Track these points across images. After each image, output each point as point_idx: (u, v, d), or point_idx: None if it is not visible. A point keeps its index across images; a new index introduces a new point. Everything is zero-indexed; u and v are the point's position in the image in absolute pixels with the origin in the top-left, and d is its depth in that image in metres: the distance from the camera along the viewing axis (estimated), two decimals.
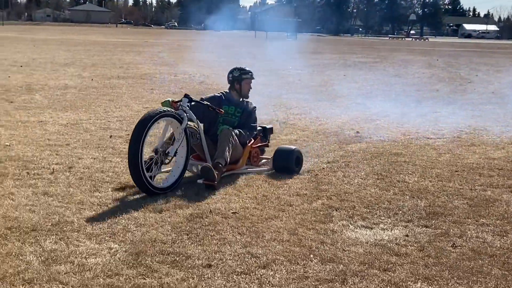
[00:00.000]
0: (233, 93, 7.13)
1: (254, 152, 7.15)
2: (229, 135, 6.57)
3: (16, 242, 4.59)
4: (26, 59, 23.69)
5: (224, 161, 6.42)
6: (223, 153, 6.45)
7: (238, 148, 6.76)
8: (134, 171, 5.75)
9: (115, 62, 24.26)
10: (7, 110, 10.93)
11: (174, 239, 4.80)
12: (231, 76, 7.11)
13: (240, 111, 7.04)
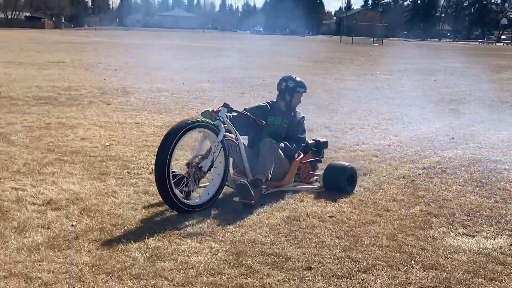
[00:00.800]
0: (281, 103, 6.52)
1: (304, 168, 6.55)
2: (271, 148, 5.98)
3: (122, 238, 4.75)
4: (120, 63, 24.52)
5: (265, 178, 5.85)
6: (263, 169, 5.88)
7: (283, 162, 6.19)
8: (160, 186, 5.27)
9: (204, 66, 24.70)
10: (105, 112, 11.35)
11: (273, 241, 4.84)
12: (284, 85, 6.48)
13: (287, 122, 6.44)
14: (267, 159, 5.90)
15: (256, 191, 5.66)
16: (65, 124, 9.79)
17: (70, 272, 4.09)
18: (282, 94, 6.50)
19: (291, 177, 6.32)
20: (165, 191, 5.23)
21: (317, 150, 6.82)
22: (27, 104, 11.89)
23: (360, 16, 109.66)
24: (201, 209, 5.47)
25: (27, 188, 6.01)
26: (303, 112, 6.88)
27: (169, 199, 5.27)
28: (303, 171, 6.51)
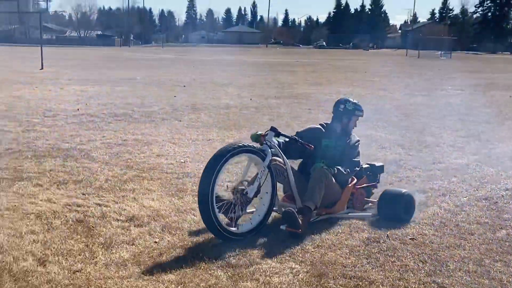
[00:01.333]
0: (337, 126, 6.25)
1: (358, 194, 6.24)
2: (321, 174, 5.71)
3: (203, 256, 4.80)
4: (188, 79, 24.96)
5: (314, 205, 5.60)
6: (312, 195, 5.62)
7: (335, 188, 5.90)
8: (203, 212, 5.09)
9: (270, 82, 24.84)
10: (178, 129, 11.55)
11: (354, 263, 4.80)
12: (342, 108, 6.20)
13: (342, 145, 6.16)
14: (316, 186, 5.64)
15: (303, 219, 5.42)
16: (141, 141, 10.02)
17: None
18: (339, 117, 6.24)
19: (343, 203, 6.03)
20: (207, 217, 5.05)
21: (372, 175, 6.48)
22: (104, 121, 12.24)
23: (426, 29, 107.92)
24: (243, 238, 5.24)
25: (110, 204, 6.18)
26: (374, 129, 6.82)
27: (211, 226, 5.08)
28: (356, 197, 6.21)
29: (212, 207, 5.02)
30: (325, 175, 5.70)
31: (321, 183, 5.64)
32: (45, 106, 14.58)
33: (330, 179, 5.77)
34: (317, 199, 5.61)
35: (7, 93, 17.52)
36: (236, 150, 5.20)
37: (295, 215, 5.30)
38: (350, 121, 6.23)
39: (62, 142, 9.74)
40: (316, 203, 5.61)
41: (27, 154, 8.69)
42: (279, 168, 5.67)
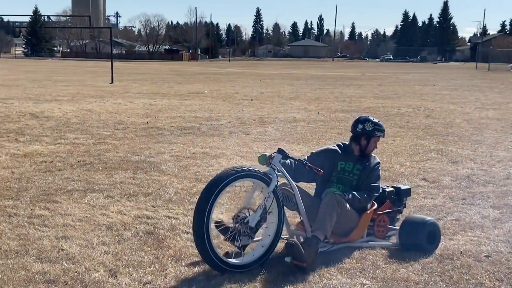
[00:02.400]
0: (355, 147, 5.67)
1: (379, 220, 5.71)
2: (333, 200, 5.15)
3: (272, 270, 4.76)
4: (255, 93, 25.11)
5: (323, 235, 5.07)
6: (322, 224, 5.08)
7: (350, 215, 5.35)
8: (197, 240, 4.65)
9: (337, 95, 24.69)
10: (246, 142, 11.60)
11: (426, 280, 4.66)
12: (360, 128, 5.61)
13: (360, 168, 5.60)
14: (326, 214, 5.09)
15: (309, 251, 4.82)
16: (209, 154, 10.10)
17: None
18: (357, 138, 5.64)
19: (361, 231, 5.49)
20: (202, 247, 4.61)
21: (397, 199, 5.97)
22: (173, 134, 12.43)
23: (497, 42, 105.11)
24: (243, 270, 4.73)
25: (180, 217, 6.24)
26: (444, 144, 6.61)
27: (206, 256, 4.63)
28: (378, 224, 5.69)
29: (208, 236, 4.55)
30: (338, 202, 5.16)
31: (332, 211, 5.10)
32: (115, 119, 14.94)
33: (344, 205, 5.22)
34: (327, 228, 5.08)
35: (79, 106, 18.07)
36: (233, 176, 4.71)
37: (298, 247, 4.75)
38: (370, 143, 5.62)
39: (132, 154, 9.93)
40: (326, 232, 5.08)
41: (98, 166, 8.89)
42: (288, 193, 5.19)
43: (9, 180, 7.83)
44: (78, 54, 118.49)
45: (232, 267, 4.71)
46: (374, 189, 5.56)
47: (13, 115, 15.16)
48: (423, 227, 5.37)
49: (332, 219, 5.09)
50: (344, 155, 5.68)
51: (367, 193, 5.49)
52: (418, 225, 5.41)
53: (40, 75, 38.83)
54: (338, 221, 5.17)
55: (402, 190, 6.01)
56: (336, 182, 5.59)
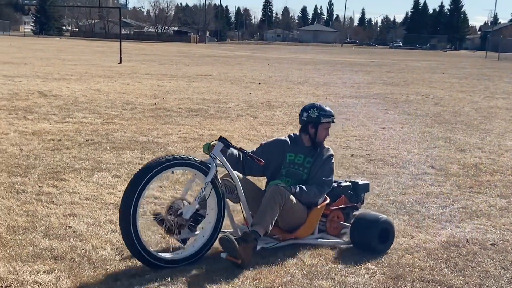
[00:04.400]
0: (304, 137, 5.24)
1: (332, 216, 5.34)
2: (275, 192, 4.74)
3: (278, 253, 4.79)
4: (263, 77, 25.05)
5: (263, 230, 4.65)
6: (262, 219, 4.67)
7: (297, 210, 4.93)
8: (123, 234, 4.29)
9: (345, 81, 24.61)
10: (253, 125, 11.60)
11: (432, 266, 4.67)
12: (305, 116, 5.18)
13: (311, 161, 5.18)
14: (268, 207, 4.69)
15: (245, 247, 4.46)
16: (216, 136, 10.08)
17: (233, 283, 4.18)
18: (305, 127, 5.22)
19: (309, 227, 5.09)
20: (129, 241, 4.26)
21: (355, 195, 5.61)
22: (181, 116, 12.44)
23: (508, 31, 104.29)
24: (178, 265, 4.43)
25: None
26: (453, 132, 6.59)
27: (134, 251, 4.29)
28: (330, 220, 5.32)
29: (135, 229, 4.23)
30: (281, 195, 4.74)
31: (274, 204, 4.70)
32: (124, 99, 14.95)
33: (289, 199, 4.80)
34: (267, 223, 4.67)
35: (88, 86, 18.08)
36: (168, 163, 4.35)
37: (231, 243, 4.40)
38: (318, 131, 5.16)
39: (140, 135, 9.95)
40: (266, 227, 4.67)
41: (106, 145, 8.92)
42: (230, 185, 4.83)
43: (18, 157, 7.86)
44: (86, 34, 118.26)
45: (165, 262, 4.38)
46: (326, 184, 5.12)
47: (22, 93, 15.18)
48: (375, 225, 4.95)
49: (273, 213, 4.70)
50: (294, 147, 5.25)
51: (317, 187, 5.06)
52: (370, 222, 5.00)
53: (48, 54, 38.84)
54: (284, 216, 4.84)
55: (359, 185, 5.63)
56: (285, 175, 5.18)
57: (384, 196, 6.73)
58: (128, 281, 4.17)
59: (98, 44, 67.78)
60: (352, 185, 5.63)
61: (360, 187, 5.65)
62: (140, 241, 4.25)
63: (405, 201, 6.56)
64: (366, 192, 5.78)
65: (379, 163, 8.53)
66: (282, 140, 5.34)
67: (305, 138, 5.23)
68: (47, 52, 41.26)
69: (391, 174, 7.88)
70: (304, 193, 4.97)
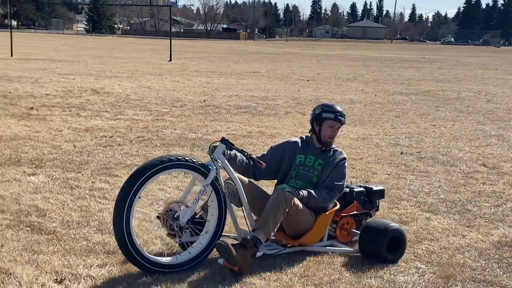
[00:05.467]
0: (313, 136, 5.03)
1: (342, 223, 5.09)
2: (280, 197, 4.49)
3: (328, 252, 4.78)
4: (312, 74, 24.99)
5: (265, 236, 4.41)
6: (264, 224, 4.43)
7: (303, 216, 4.68)
8: (116, 235, 4.18)
9: (395, 78, 24.32)
10: (301, 122, 11.60)
11: (483, 266, 4.60)
12: (312, 114, 5.03)
13: (322, 164, 4.91)
14: (271, 213, 4.45)
15: (243, 253, 4.25)
16: (265, 133, 10.16)
17: (281, 280, 4.20)
18: (312, 125, 5.03)
19: (316, 234, 4.83)
20: (122, 244, 4.14)
21: (368, 201, 5.33)
22: (229, 113, 12.54)
23: None
24: (176, 270, 4.29)
25: None
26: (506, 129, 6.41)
27: (128, 254, 4.17)
28: (341, 226, 5.07)
29: (128, 232, 4.10)
30: (285, 200, 4.49)
31: (277, 210, 4.45)
32: (173, 96, 15.14)
33: (294, 204, 4.56)
34: (269, 229, 4.43)
35: (138, 83, 18.38)
36: (163, 165, 4.24)
37: (227, 249, 4.18)
38: (321, 128, 4.90)
39: (189, 131, 10.07)
40: (268, 233, 4.43)
41: (156, 142, 9.06)
42: (233, 188, 4.62)
43: (71, 153, 8.06)
44: (137, 32, 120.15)
45: (162, 267, 4.25)
46: (337, 188, 4.86)
47: (75, 91, 15.54)
48: (384, 234, 4.67)
49: (276, 219, 4.45)
50: (304, 148, 5.00)
51: (327, 192, 4.79)
52: (378, 231, 4.72)
53: (100, 52, 39.61)
54: (290, 222, 4.63)
55: (373, 191, 5.34)
56: (294, 178, 4.92)
57: (435, 195, 6.64)
58: (177, 276, 4.24)
59: (148, 42, 68.73)
60: (366, 190, 5.33)
61: (374, 193, 5.34)
62: (133, 243, 4.13)
63: (456, 200, 6.46)
64: (381, 198, 5.48)
65: (429, 161, 8.42)
66: (293, 142, 5.09)
67: (314, 138, 5.01)
68: (99, 50, 42.08)
69: (442, 172, 7.76)
70: (313, 198, 4.71)
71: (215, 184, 4.45)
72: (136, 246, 4.16)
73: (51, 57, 30.72)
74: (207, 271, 4.37)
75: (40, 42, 53.52)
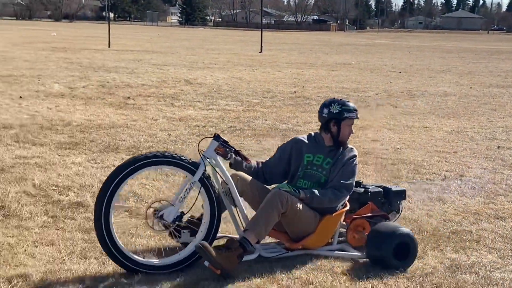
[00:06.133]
0: (325, 136, 4.66)
1: (356, 226, 4.71)
2: (274, 198, 4.22)
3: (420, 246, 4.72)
4: (403, 65, 24.53)
5: (255, 237, 4.16)
6: (254, 225, 4.19)
7: (304, 217, 4.38)
8: (96, 233, 4.05)
9: (492, 70, 23.48)
10: (393, 115, 11.43)
11: None
12: (326, 113, 4.60)
13: (331, 162, 4.59)
14: (263, 213, 4.20)
15: (228, 255, 4.03)
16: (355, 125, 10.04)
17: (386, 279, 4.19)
18: (326, 125, 4.63)
19: (320, 237, 4.49)
20: (100, 237, 4.02)
21: (387, 202, 4.98)
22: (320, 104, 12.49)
23: None
24: (159, 272, 4.08)
25: None
26: None
27: (105, 248, 4.03)
28: (351, 229, 4.70)
29: (107, 227, 3.98)
30: (280, 200, 4.21)
31: (270, 210, 4.20)
32: (264, 87, 15.28)
33: (293, 205, 4.27)
34: (260, 230, 4.19)
35: (230, 74, 18.65)
36: (147, 161, 4.07)
37: (205, 251, 3.97)
38: (340, 128, 4.59)
39: (280, 122, 10.15)
40: (259, 235, 4.19)
41: (247, 132, 9.19)
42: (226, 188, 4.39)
43: (166, 141, 8.32)
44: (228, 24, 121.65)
45: (141, 266, 4.07)
46: (345, 187, 4.51)
47: (169, 81, 15.97)
48: (390, 238, 4.28)
49: (269, 220, 4.21)
50: (313, 147, 4.69)
51: (333, 191, 4.46)
52: (384, 235, 4.34)
53: (193, 43, 40.42)
54: (289, 223, 4.38)
55: (392, 192, 4.98)
56: (302, 178, 4.64)
57: None
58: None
59: (239, 34, 69.48)
60: (384, 191, 4.98)
61: (393, 194, 4.98)
62: (113, 240, 4.01)
63: None
64: (401, 200, 5.06)
65: None
66: (300, 140, 4.77)
67: (326, 137, 4.65)
68: (192, 42, 42.96)
69: None
70: (316, 198, 4.39)
71: (205, 183, 4.22)
72: (117, 244, 4.02)
73: (146, 48, 31.65)
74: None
75: (135, 33, 55.23)
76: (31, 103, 11.17)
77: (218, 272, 3.97)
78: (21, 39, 33.75)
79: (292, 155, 4.70)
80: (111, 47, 29.97)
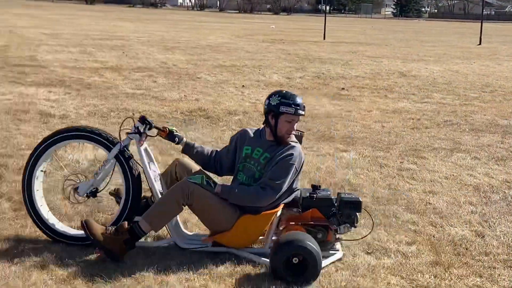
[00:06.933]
0: (266, 130, 4.28)
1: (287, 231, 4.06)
2: (176, 189, 4.00)
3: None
4: None
5: (148, 226, 3.95)
6: (150, 213, 3.98)
7: (218, 213, 4.05)
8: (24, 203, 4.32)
9: None
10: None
11: None
12: (266, 103, 4.22)
13: (268, 157, 4.17)
14: (161, 203, 4.02)
15: (113, 238, 3.89)
16: None
17: None
18: (266, 117, 4.25)
19: (237, 236, 4.10)
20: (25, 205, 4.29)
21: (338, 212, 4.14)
22: None
23: None
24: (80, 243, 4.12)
25: None
26: None
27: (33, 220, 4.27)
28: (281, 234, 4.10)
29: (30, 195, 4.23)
30: (183, 192, 3.96)
31: (169, 201, 3.99)
32: (483, 81, 14.61)
33: (200, 197, 3.98)
34: (155, 219, 3.97)
35: (445, 67, 18.05)
36: (67, 134, 4.21)
37: (86, 228, 3.89)
38: (277, 123, 4.15)
39: (501, 118, 9.66)
40: (153, 224, 3.98)
41: (464, 127, 8.87)
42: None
43: (380, 133, 8.33)
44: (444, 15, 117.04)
45: (62, 237, 4.19)
46: (271, 187, 4.05)
47: (383, 73, 15.88)
48: (283, 248, 3.76)
49: (167, 211, 4.00)
50: (255, 140, 4.32)
51: (257, 190, 4.06)
52: (279, 243, 3.81)
53: (407, 35, 39.62)
54: (201, 217, 4.16)
55: (344, 200, 4.16)
56: (242, 171, 4.28)
57: None
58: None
59: (456, 25, 66.60)
60: (336, 200, 4.24)
61: (344, 203, 4.15)
62: (37, 213, 4.22)
63: None
64: (356, 212, 4.17)
65: None
66: (246, 132, 4.44)
67: (267, 130, 4.28)
68: (406, 34, 42.16)
69: None
70: (234, 195, 4.05)
71: (122, 161, 4.15)
72: (39, 213, 4.21)
73: (359, 40, 31.71)
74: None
75: (349, 26, 55.52)
76: (253, 91, 11.81)
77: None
78: (243, 32, 35.65)
79: (237, 146, 4.41)
80: (326, 39, 30.47)
